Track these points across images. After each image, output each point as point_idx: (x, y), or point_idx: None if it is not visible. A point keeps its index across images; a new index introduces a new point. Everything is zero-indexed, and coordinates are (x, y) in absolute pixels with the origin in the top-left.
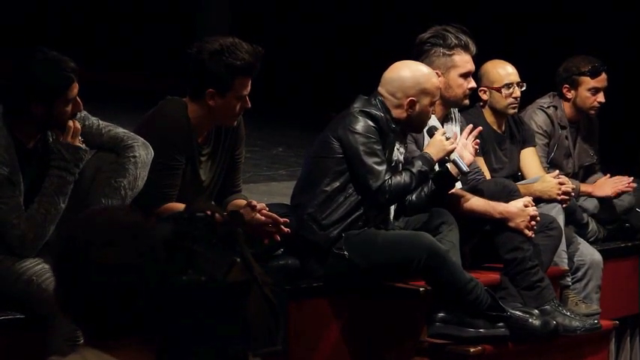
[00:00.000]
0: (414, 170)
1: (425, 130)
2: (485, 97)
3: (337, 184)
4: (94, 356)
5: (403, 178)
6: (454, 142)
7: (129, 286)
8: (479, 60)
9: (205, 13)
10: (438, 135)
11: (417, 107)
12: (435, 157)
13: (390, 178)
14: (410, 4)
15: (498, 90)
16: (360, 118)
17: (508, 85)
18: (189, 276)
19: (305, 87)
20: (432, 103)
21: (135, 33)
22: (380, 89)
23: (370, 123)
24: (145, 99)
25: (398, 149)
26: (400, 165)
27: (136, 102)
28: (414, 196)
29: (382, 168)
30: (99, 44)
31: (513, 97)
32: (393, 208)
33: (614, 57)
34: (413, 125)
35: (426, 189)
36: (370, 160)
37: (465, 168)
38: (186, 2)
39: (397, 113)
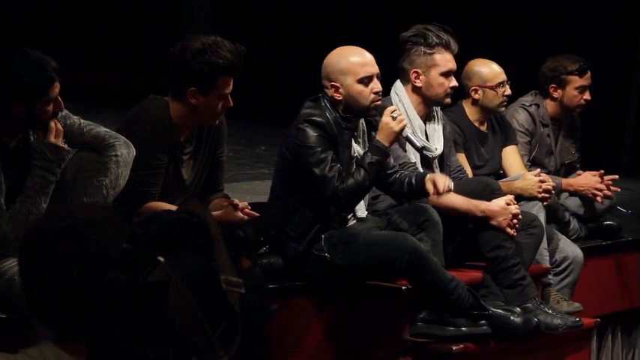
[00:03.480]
0: (365, 165)
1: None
2: (477, 96)
3: (299, 196)
4: (51, 351)
5: (355, 176)
6: (402, 120)
7: (75, 281)
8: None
9: (189, 12)
10: (384, 118)
11: (342, 90)
12: (387, 142)
13: (341, 181)
14: (410, 4)
15: (492, 89)
16: (305, 129)
17: (501, 84)
18: (114, 275)
19: (302, 85)
20: (361, 81)
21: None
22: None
23: (316, 132)
24: (132, 99)
25: (356, 144)
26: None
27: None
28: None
29: (331, 174)
30: (92, 45)
31: (505, 95)
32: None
33: (597, 55)
34: (353, 110)
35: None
36: (318, 170)
37: (418, 144)
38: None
39: (337, 103)
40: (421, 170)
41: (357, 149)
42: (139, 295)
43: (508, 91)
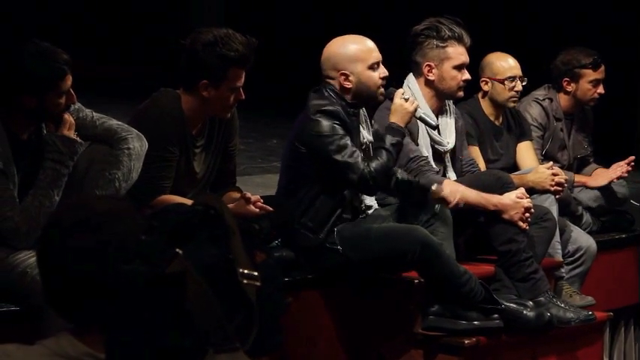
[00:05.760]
0: (387, 146)
1: (395, 101)
2: (486, 87)
3: (316, 187)
4: (68, 342)
5: (379, 157)
6: (415, 101)
7: (93, 273)
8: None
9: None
10: (396, 100)
11: (353, 77)
12: (402, 123)
13: (367, 164)
14: (409, 3)
15: (501, 82)
16: (319, 120)
17: (511, 78)
18: (132, 265)
19: (301, 79)
20: (371, 67)
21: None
22: (324, 77)
23: (331, 121)
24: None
25: (363, 130)
26: (370, 145)
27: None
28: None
29: (356, 159)
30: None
31: (515, 91)
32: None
33: (608, 48)
34: (362, 96)
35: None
36: (341, 157)
37: (433, 122)
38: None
39: (344, 92)
40: (433, 165)
41: (366, 135)
42: (156, 287)
43: (518, 87)
